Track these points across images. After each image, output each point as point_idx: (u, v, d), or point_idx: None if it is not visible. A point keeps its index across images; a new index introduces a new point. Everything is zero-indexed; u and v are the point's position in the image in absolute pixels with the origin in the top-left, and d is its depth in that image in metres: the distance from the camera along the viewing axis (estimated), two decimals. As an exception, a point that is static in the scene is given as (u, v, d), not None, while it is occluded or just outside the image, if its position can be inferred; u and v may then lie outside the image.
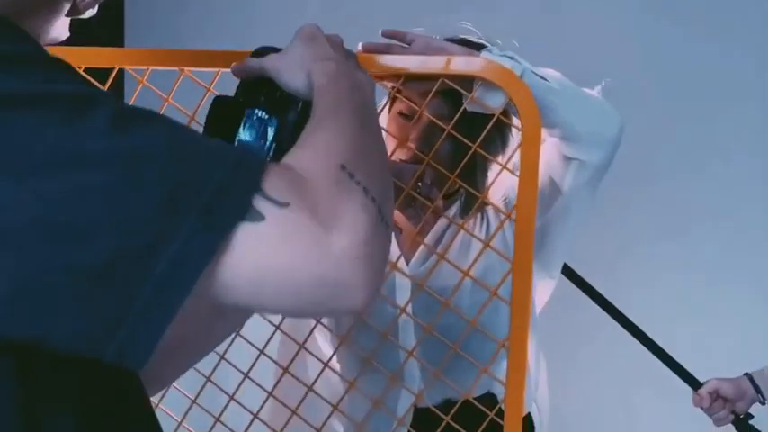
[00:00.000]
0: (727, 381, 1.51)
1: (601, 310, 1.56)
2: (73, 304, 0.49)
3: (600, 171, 1.20)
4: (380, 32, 1.14)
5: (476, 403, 1.12)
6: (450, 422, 1.10)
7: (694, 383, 1.55)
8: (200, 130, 0.80)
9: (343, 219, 0.54)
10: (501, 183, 1.18)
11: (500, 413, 1.07)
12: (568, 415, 2.04)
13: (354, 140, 0.61)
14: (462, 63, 1.05)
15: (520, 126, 1.02)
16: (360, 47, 1.09)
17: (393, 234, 1.21)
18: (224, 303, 0.55)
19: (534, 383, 1.31)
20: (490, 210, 1.28)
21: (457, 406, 1.12)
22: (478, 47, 1.16)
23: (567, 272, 1.51)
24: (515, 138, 1.20)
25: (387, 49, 1.11)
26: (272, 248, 0.52)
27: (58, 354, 0.51)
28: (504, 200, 1.22)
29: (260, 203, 0.52)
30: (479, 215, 1.29)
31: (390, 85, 1.13)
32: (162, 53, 1.05)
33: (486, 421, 1.09)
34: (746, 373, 1.51)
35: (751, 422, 1.54)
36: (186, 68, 1.04)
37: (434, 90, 1.06)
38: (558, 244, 1.26)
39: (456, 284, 1.11)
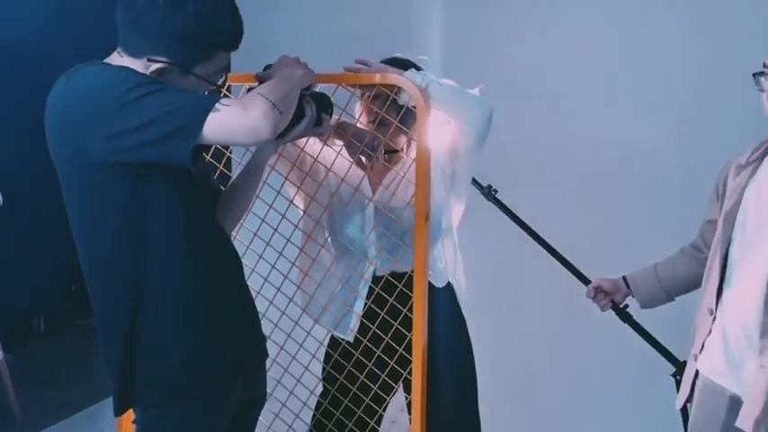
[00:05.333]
0: (607, 280, 2.20)
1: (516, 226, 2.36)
2: (167, 144, 1.42)
3: (480, 138, 2.00)
4: (354, 60, 2.02)
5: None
6: (391, 279, 1.99)
7: (585, 281, 2.29)
8: None
9: (254, 106, 1.41)
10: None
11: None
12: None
13: (270, 87, 1.50)
14: (392, 78, 1.92)
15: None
16: (342, 68, 1.99)
17: (363, 170, 2.09)
18: (219, 142, 1.57)
19: (452, 268, 2.17)
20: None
21: (387, 278, 2.01)
22: (410, 66, 2.02)
23: (497, 202, 2.33)
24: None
25: (357, 69, 2.00)
26: (226, 119, 1.41)
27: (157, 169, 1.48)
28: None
29: (219, 106, 1.41)
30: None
31: (359, 92, 2.03)
32: (235, 77, 2.00)
33: (406, 278, 1.97)
34: (623, 276, 2.21)
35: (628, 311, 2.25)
36: (247, 83, 1.98)
37: (374, 92, 1.95)
38: (462, 182, 2.10)
39: (388, 200, 2.00)
